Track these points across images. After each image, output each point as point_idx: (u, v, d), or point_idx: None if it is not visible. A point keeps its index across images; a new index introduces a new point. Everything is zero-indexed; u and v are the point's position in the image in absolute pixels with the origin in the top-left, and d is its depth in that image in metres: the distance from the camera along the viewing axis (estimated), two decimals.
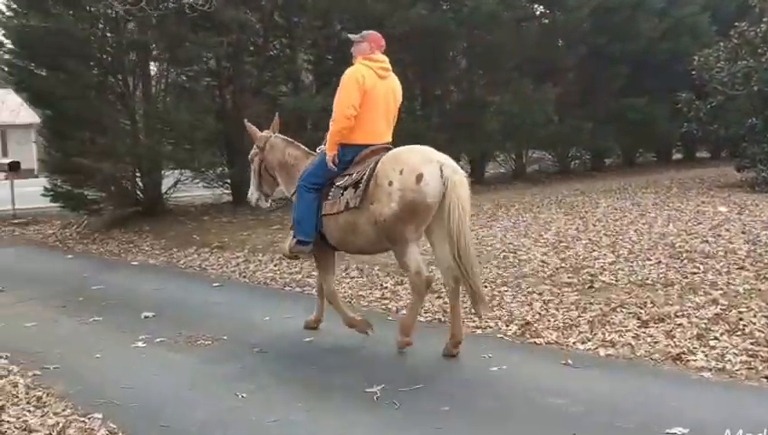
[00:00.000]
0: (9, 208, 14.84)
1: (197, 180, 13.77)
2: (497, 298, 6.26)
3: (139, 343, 5.45)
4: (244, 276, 8.24)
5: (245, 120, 6.09)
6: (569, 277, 6.73)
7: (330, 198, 5.05)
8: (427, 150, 4.86)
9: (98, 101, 12.23)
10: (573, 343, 5.06)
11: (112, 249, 10.73)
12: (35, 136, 13.55)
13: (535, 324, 5.47)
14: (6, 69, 13.09)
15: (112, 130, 12.31)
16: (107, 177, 12.03)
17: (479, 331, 5.49)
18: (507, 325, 5.54)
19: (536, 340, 5.19)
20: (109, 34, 12.62)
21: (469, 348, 4.96)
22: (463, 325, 5.01)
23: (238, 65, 13.76)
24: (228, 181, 13.81)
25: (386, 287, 6.90)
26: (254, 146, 5.89)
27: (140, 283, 8.12)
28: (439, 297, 6.44)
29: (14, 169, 15.41)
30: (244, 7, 13.20)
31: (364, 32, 5.23)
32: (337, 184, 5.03)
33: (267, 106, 13.58)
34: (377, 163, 4.84)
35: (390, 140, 5.23)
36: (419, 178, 4.61)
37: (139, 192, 12.85)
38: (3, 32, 12.75)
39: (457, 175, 4.65)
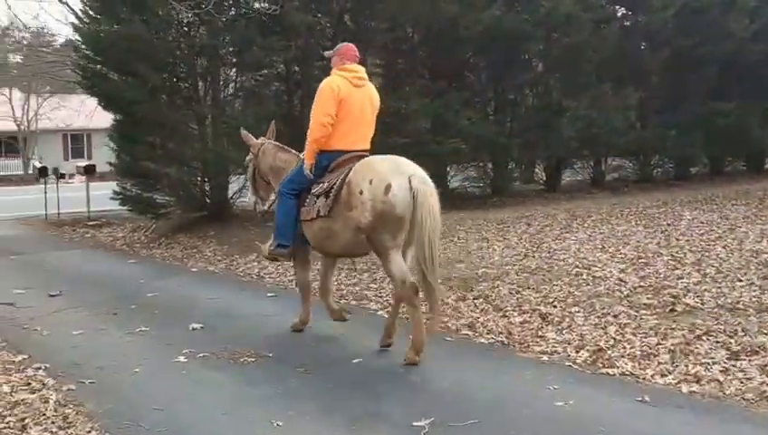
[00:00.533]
0: (84, 211, 15.13)
1: None
2: (567, 320, 5.75)
3: (181, 358, 5.18)
4: None
5: (241, 129, 6.50)
6: (648, 298, 6.14)
7: (306, 204, 5.27)
8: (399, 161, 4.95)
9: (166, 106, 12.23)
10: (651, 375, 4.51)
11: (175, 254, 10.65)
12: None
13: (609, 351, 4.94)
14: (81, 73, 13.28)
15: (181, 134, 12.30)
16: (173, 181, 12.01)
17: (545, 357, 4.99)
18: (577, 351, 5.03)
19: (609, 370, 4.66)
20: (181, 39, 12.62)
21: (532, 378, 4.48)
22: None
23: (307, 69, 13.55)
24: None
25: (447, 303, 6.44)
26: (249, 153, 6.26)
27: (196, 291, 7.91)
28: (505, 316, 5.98)
29: (89, 171, 15.74)
30: (313, 10, 13.03)
31: (337, 45, 5.53)
32: (312, 192, 5.24)
33: None
34: (350, 171, 4.98)
35: (368, 147, 5.38)
36: (388, 188, 4.73)
37: (206, 197, 12.79)
38: (78, 37, 12.95)
39: (426, 186, 4.77)
